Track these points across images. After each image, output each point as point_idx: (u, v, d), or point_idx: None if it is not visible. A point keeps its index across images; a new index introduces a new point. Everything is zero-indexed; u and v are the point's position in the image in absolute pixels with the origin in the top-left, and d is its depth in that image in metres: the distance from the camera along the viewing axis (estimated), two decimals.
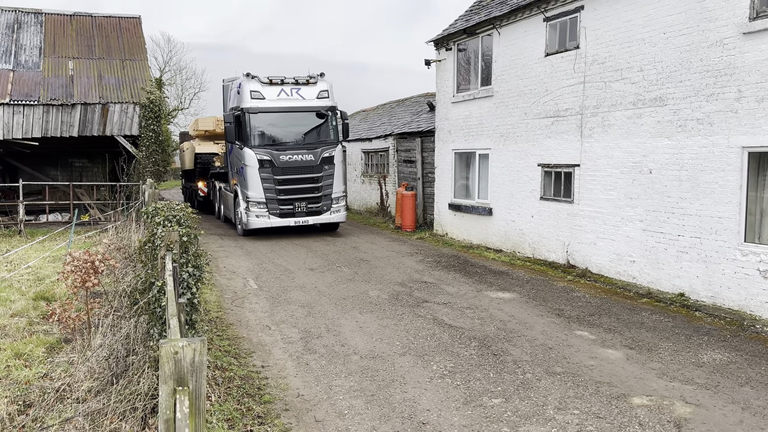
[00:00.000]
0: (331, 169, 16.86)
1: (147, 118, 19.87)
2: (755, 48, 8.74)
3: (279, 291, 10.72)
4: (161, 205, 8.82)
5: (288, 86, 16.68)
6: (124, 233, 14.53)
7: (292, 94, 16.65)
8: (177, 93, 50.93)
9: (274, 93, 16.49)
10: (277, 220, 16.42)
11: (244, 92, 16.46)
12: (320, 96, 16.94)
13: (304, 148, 16.66)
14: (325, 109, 17.08)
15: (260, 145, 16.38)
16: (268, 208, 16.29)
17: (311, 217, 16.76)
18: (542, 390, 6.28)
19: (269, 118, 16.60)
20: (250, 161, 16.27)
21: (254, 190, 16.30)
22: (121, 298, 8.62)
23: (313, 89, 16.96)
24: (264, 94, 16.36)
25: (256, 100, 16.27)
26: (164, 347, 2.69)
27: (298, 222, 16.64)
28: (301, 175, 16.47)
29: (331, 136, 17.24)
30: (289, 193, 16.45)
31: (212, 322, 8.73)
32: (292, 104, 16.64)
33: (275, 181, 16.27)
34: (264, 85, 16.44)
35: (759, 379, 6.57)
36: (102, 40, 22.24)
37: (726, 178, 9.23)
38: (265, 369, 6.95)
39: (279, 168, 16.26)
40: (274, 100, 16.43)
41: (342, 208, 17.33)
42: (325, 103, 17.04)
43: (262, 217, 16.36)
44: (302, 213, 16.60)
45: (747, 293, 8.94)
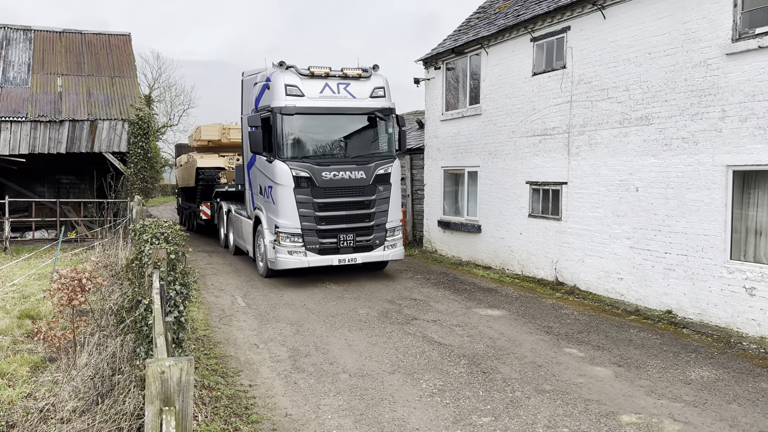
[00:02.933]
0: (386, 190, 12.79)
1: (136, 134, 19.83)
2: (738, 69, 8.90)
3: (267, 308, 10.66)
4: (149, 222, 8.78)
5: (334, 80, 12.63)
6: (111, 250, 14.42)
7: (338, 91, 12.61)
8: (166, 110, 50.94)
9: (316, 89, 12.45)
10: (315, 257, 12.28)
11: (277, 87, 12.34)
12: (375, 94, 12.92)
13: (353, 163, 12.55)
14: (381, 111, 12.96)
15: (296, 157, 12.31)
16: (304, 241, 12.18)
17: (360, 254, 12.59)
18: (531, 408, 6.27)
19: (309, 122, 12.59)
20: (282, 179, 12.19)
21: (287, 217, 12.21)
22: (108, 316, 8.54)
23: (366, 85, 12.89)
24: (303, 89, 12.31)
25: (293, 97, 12.24)
26: (151, 367, 2.67)
27: (343, 261, 12.47)
28: (348, 197, 12.40)
29: (386, 147, 13.16)
30: (333, 221, 12.35)
31: (199, 340, 8.66)
32: (339, 104, 12.56)
33: (315, 205, 12.19)
34: (303, 79, 12.40)
35: (746, 397, 6.60)
36: (91, 57, 22.24)
37: (711, 196, 9.33)
38: (253, 388, 6.88)
39: (320, 189, 12.17)
40: (315, 99, 12.37)
41: (398, 241, 13.20)
42: (380, 103, 12.97)
43: (297, 254, 12.21)
44: (348, 248, 12.46)
45: (733, 310, 9.01)
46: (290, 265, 12.27)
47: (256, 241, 13.89)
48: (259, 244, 13.52)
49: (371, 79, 13.02)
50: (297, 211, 12.16)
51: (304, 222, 12.19)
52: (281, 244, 12.27)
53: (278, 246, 12.33)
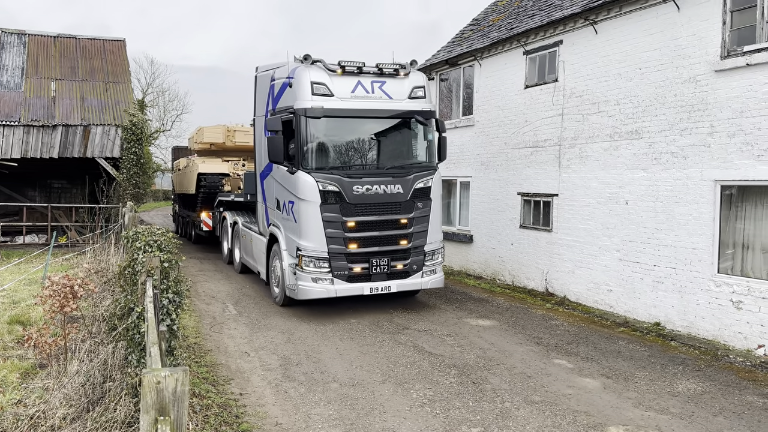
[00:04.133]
0: (425, 207, 10.91)
1: (129, 140, 19.83)
2: (726, 85, 9.05)
3: (259, 317, 10.67)
4: (142, 229, 8.79)
5: (367, 78, 10.75)
6: (103, 256, 14.39)
7: (373, 91, 10.78)
8: (159, 115, 50.84)
9: (347, 88, 10.60)
10: (344, 286, 10.37)
11: (302, 85, 10.47)
12: (414, 95, 11.08)
13: (389, 175, 10.69)
14: (421, 114, 11.12)
15: (323, 168, 10.42)
16: (331, 267, 10.29)
17: (394, 282, 10.67)
18: (521, 419, 6.33)
19: (339, 127, 10.76)
20: (306, 193, 10.26)
21: (311, 238, 10.29)
22: (99, 323, 8.53)
23: (404, 84, 11.04)
24: (332, 88, 10.48)
25: (321, 97, 10.41)
26: (147, 377, 2.71)
27: (376, 289, 10.55)
28: (383, 216, 10.55)
29: (426, 156, 11.34)
30: (365, 243, 10.48)
31: (190, 348, 8.66)
32: (374, 106, 10.73)
33: (345, 225, 10.31)
34: (332, 76, 10.54)
35: (732, 409, 6.69)
36: (85, 62, 22.24)
37: (699, 210, 9.46)
38: (244, 396, 6.90)
39: (351, 206, 10.32)
40: (347, 99, 10.55)
41: (439, 266, 11.25)
42: (420, 105, 11.11)
43: (322, 282, 10.29)
44: (381, 275, 10.58)
45: (721, 323, 9.11)
46: (314, 294, 10.28)
47: (270, 262, 11.93)
48: (275, 266, 11.65)
49: (410, 77, 11.10)
50: (323, 232, 10.24)
51: (332, 245, 10.28)
52: (304, 270, 10.29)
53: (300, 272, 10.33)
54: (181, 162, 23.07)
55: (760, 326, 8.56)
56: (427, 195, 10.96)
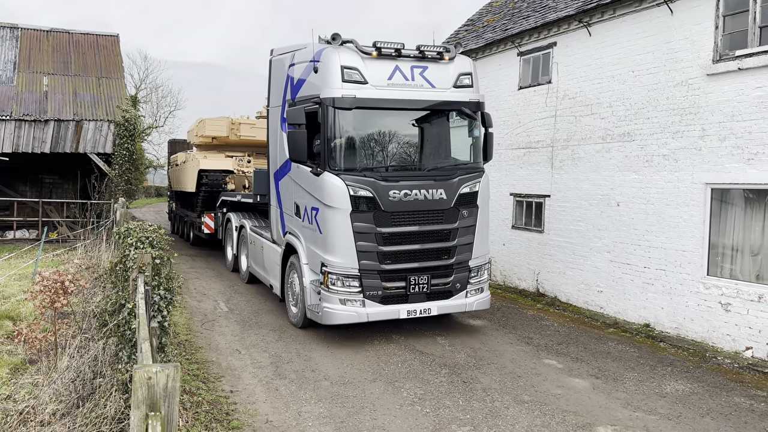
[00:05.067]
0: (471, 216, 9.33)
1: (121, 136, 19.74)
2: (718, 89, 9.12)
3: (250, 314, 10.67)
4: (134, 225, 8.78)
5: (406, 62, 9.10)
6: (94, 252, 14.33)
7: (413, 77, 9.14)
8: (152, 111, 50.62)
9: (384, 74, 8.96)
10: (376, 309, 8.79)
11: (330, 70, 8.82)
12: (460, 83, 9.44)
13: (430, 178, 9.12)
14: (468, 106, 9.48)
15: (354, 169, 8.82)
16: (362, 286, 8.71)
17: (435, 303, 9.14)
18: (510, 418, 6.36)
19: (374, 121, 9.15)
20: (334, 199, 8.66)
21: (340, 252, 8.70)
22: (90, 319, 8.50)
23: (449, 70, 9.39)
24: (366, 74, 8.83)
25: (353, 84, 8.74)
26: (138, 373, 2.72)
27: (413, 313, 8.97)
28: (424, 225, 8.97)
29: (471, 155, 9.75)
30: (403, 259, 8.92)
31: (181, 345, 8.66)
32: (415, 95, 9.05)
33: (380, 237, 8.75)
34: (366, 59, 8.88)
35: (719, 410, 6.75)
36: (78, 57, 22.13)
37: (690, 213, 9.53)
38: (234, 394, 6.91)
39: (387, 214, 8.76)
40: (383, 88, 8.90)
41: (485, 284, 9.71)
42: (467, 95, 9.46)
43: (352, 304, 8.72)
44: (420, 295, 9.02)
45: (709, 325, 9.19)
46: (341, 319, 8.70)
47: (287, 276, 10.26)
48: (292, 281, 9.98)
49: (455, 62, 9.44)
50: (354, 245, 8.66)
51: (364, 260, 8.69)
52: (330, 289, 8.68)
53: (326, 291, 8.73)
54: (179, 157, 21.46)
55: (748, 328, 8.64)
56: (473, 201, 9.36)
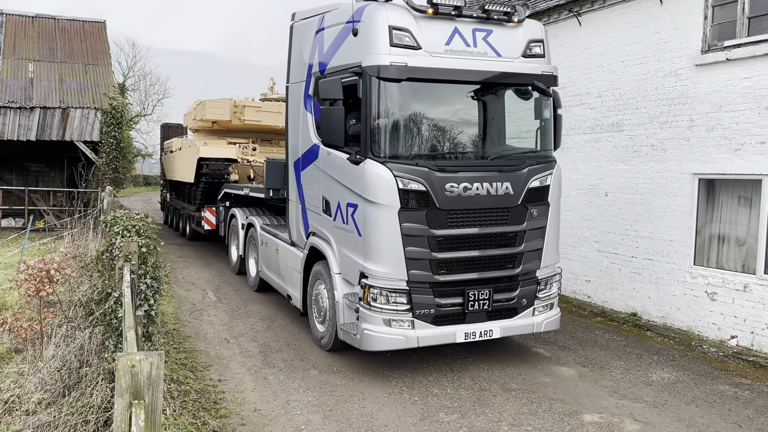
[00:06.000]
0: (541, 215, 7.68)
1: (108, 124, 19.54)
2: (706, 80, 9.15)
3: (239, 303, 10.64)
4: (121, 214, 8.70)
5: (468, 24, 7.38)
6: (81, 241, 14.22)
7: (475, 43, 7.39)
8: (140, 99, 50.19)
9: (440, 37, 7.22)
10: (429, 331, 7.13)
11: (375, 31, 7.08)
12: (530, 51, 7.75)
13: (493, 169, 7.45)
14: (542, 80, 7.76)
15: (403, 155, 7.18)
16: (412, 303, 7.06)
17: (498, 324, 7.48)
18: (497, 406, 6.40)
19: (428, 95, 7.48)
20: (379, 192, 6.99)
21: (384, 259, 7.04)
22: (76, 307, 8.44)
23: (517, 35, 7.68)
24: (419, 37, 7.09)
25: (403, 50, 7.03)
26: (121, 360, 2.69)
27: (473, 335, 7.30)
28: (486, 227, 7.33)
29: (540, 141, 8.04)
30: (460, 268, 7.27)
31: (169, 334, 8.62)
32: (478, 66, 7.36)
33: (434, 241, 7.09)
34: (419, 19, 7.15)
35: (704, 398, 6.83)
36: (65, 44, 21.85)
37: (677, 203, 9.59)
38: (222, 383, 6.89)
39: (442, 212, 7.09)
40: (440, 55, 7.18)
41: (555, 300, 8.02)
42: (540, 67, 7.79)
43: (399, 324, 7.05)
44: (480, 314, 7.37)
45: (695, 314, 9.27)
46: (387, 344, 6.98)
47: (310, 287, 8.50)
48: (318, 294, 8.24)
49: (524, 26, 7.73)
50: (403, 251, 6.94)
51: (414, 270, 6.99)
52: (372, 307, 6.97)
53: (366, 309, 7.01)
54: (174, 143, 19.75)
55: (734, 317, 8.73)
56: (544, 197, 7.65)
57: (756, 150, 8.49)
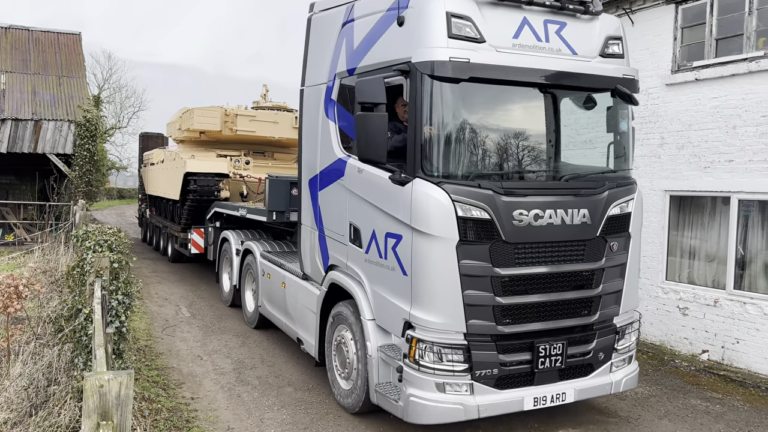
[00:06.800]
0: (621, 249, 6.33)
1: (82, 136, 19.27)
2: (676, 99, 9.36)
3: (213, 319, 10.51)
4: (93, 228, 8.57)
5: (538, 14, 6.04)
6: (52, 255, 13.94)
7: (547, 38, 6.08)
8: (115, 111, 49.64)
9: (508, 29, 5.88)
10: (491, 397, 5.67)
11: (428, 18, 5.66)
12: (608, 51, 6.46)
13: (568, 192, 6.04)
14: (626, 85, 6.42)
15: (460, 175, 5.71)
16: (471, 361, 5.58)
17: (572, 384, 6.05)
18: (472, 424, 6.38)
19: (493, 100, 6.19)
20: (431, 221, 5.51)
21: (437, 305, 5.56)
22: (45, 324, 8.26)
23: (593, 30, 6.37)
24: (483, 28, 5.70)
25: (464, 43, 5.62)
26: (89, 380, 2.64)
27: (543, 401, 5.87)
28: (557, 264, 5.92)
29: (613, 159, 6.89)
30: (529, 315, 5.84)
31: (141, 351, 8.47)
32: (554, 65, 6.00)
33: (498, 283, 5.65)
34: (482, 5, 5.78)
35: (676, 413, 6.90)
36: (38, 55, 21.57)
37: (649, 219, 9.74)
38: (195, 401, 6.79)
39: (509, 246, 5.66)
40: (507, 50, 5.80)
41: (633, 351, 6.62)
42: (621, 69, 6.47)
43: (456, 390, 5.58)
44: (551, 373, 5.97)
45: (667, 329, 9.40)
46: (440, 415, 5.55)
47: (331, 332, 7.00)
48: (343, 342, 6.69)
49: (600, 21, 6.40)
50: (461, 295, 5.52)
51: (474, 319, 5.57)
52: (422, 366, 5.54)
53: (413, 369, 5.57)
54: (155, 154, 18.23)
55: (705, 332, 8.86)
56: (624, 228, 6.31)
57: (724, 168, 8.69)
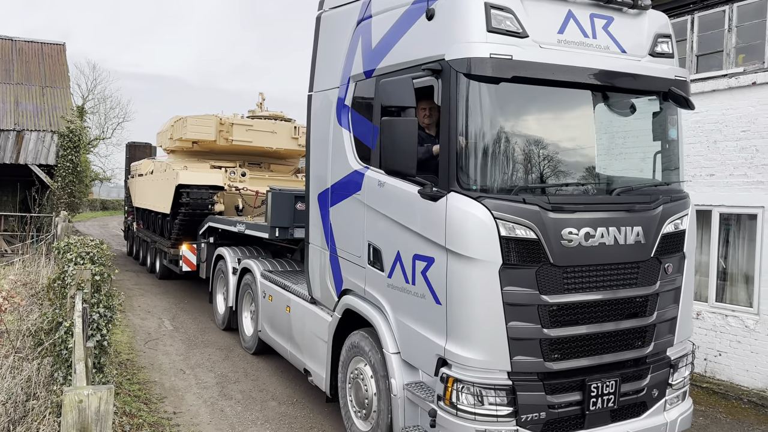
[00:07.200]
0: (675, 272, 5.46)
1: (65, 147, 19.11)
2: None
3: (196, 332, 10.41)
4: (74, 240, 8.47)
5: (583, 7, 5.23)
6: (32, 267, 13.74)
7: (594, 33, 5.24)
8: (99, 122, 49.29)
9: (552, 22, 5.08)
10: None
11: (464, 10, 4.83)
12: (658, 50, 5.60)
13: (621, 208, 5.16)
14: (680, 88, 5.57)
15: (499, 188, 4.85)
16: (517, 405, 4.66)
17: (624, 427, 5.17)
18: None
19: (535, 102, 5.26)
20: (470, 241, 4.68)
21: (477, 339, 4.69)
22: (25, 337, 8.13)
23: (642, 26, 5.56)
24: (525, 21, 4.88)
25: (505, 37, 4.77)
26: (68, 395, 2.60)
27: None
28: (609, 290, 5.04)
29: (664, 169, 5.98)
30: (579, 350, 4.94)
31: (122, 365, 8.36)
32: (602, 64, 5.15)
33: (546, 313, 4.76)
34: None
35: None
36: (21, 65, 21.43)
37: None
38: (177, 415, 6.70)
39: (557, 270, 4.78)
40: (552, 47, 4.99)
41: (687, 387, 5.76)
42: (672, 69, 5.62)
43: None
44: (603, 414, 5.06)
45: None
46: None
47: (345, 364, 6.20)
48: (360, 376, 5.90)
49: (648, 16, 5.68)
50: (505, 328, 4.72)
51: (519, 355, 4.76)
52: (459, 411, 4.73)
53: (450, 414, 4.76)
54: (143, 165, 17.51)
55: None
56: (679, 247, 5.56)
57: (706, 182, 8.80)
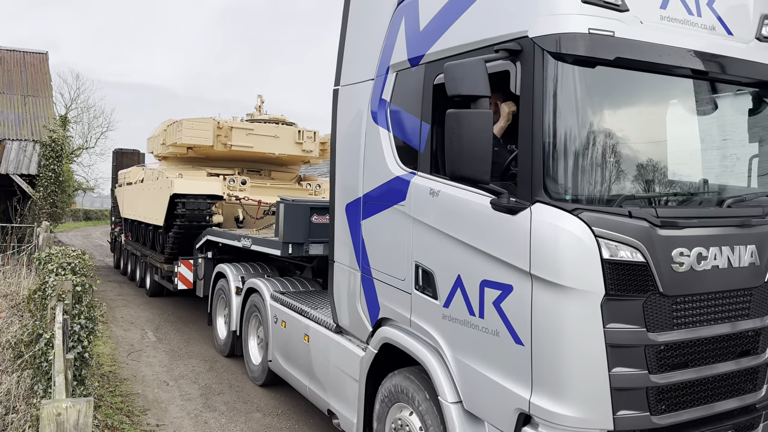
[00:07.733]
0: None
1: (47, 157, 18.93)
2: None
3: (180, 343, 10.29)
4: (56, 250, 8.36)
5: None
6: (13, 278, 13.54)
7: (699, 11, 3.92)
8: (83, 131, 48.84)
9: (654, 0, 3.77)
10: None
11: None
12: (765, 33, 4.25)
13: (733, 222, 3.93)
14: None
15: (598, 198, 3.64)
16: None
17: None
18: None
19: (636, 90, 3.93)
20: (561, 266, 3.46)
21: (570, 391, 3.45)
22: (5, 350, 7.99)
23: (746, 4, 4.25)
24: None
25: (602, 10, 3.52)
26: (46, 408, 2.55)
27: None
28: (722, 323, 3.87)
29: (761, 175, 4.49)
30: (688, 399, 3.73)
31: (104, 377, 8.24)
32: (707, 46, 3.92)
33: (653, 354, 3.55)
34: None
35: None
36: (3, 74, 21.27)
37: None
38: (160, 428, 6.61)
39: (667, 300, 3.57)
40: (654, 23, 3.71)
41: None
42: None
43: None
44: None
45: None
46: None
47: (382, 409, 5.02)
48: (404, 428, 4.71)
49: None
50: (607, 375, 3.46)
51: (623, 409, 3.50)
52: None
53: None
54: (132, 173, 16.23)
55: None
56: None
57: None
